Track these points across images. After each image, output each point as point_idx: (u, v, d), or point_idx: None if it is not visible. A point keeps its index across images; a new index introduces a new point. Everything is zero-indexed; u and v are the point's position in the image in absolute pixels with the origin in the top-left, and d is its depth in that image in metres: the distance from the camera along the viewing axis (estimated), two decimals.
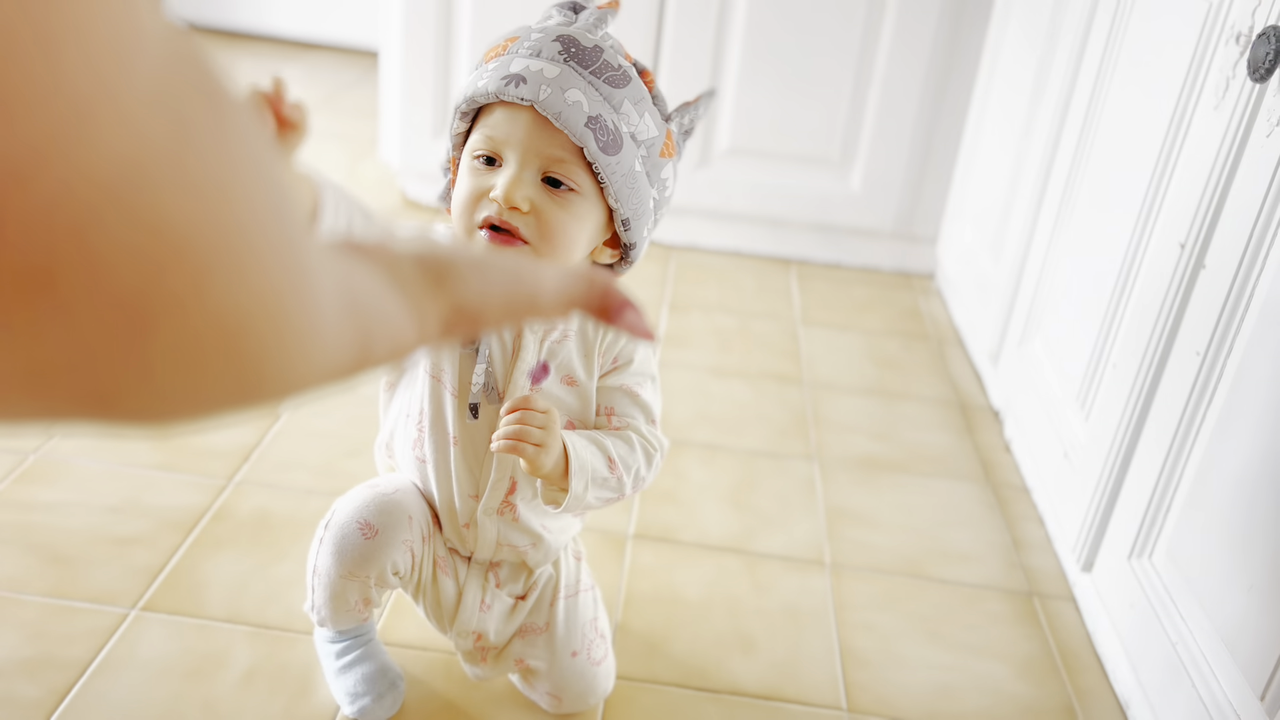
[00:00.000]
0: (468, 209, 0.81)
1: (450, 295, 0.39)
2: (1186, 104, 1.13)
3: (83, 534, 1.19)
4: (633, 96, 0.81)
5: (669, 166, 0.85)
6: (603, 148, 0.79)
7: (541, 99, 0.77)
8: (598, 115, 0.78)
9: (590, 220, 0.82)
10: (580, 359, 0.89)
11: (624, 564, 1.25)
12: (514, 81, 0.78)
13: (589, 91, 0.78)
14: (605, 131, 0.79)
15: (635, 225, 0.84)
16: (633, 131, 0.81)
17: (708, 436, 1.54)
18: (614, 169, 0.80)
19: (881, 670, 1.13)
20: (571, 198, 0.80)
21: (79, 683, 0.99)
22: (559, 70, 0.78)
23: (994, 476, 1.52)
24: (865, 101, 2.08)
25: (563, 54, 0.79)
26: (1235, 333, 0.98)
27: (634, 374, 0.91)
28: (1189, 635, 0.99)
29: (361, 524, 0.91)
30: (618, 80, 0.80)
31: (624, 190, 0.81)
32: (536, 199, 0.80)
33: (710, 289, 2.06)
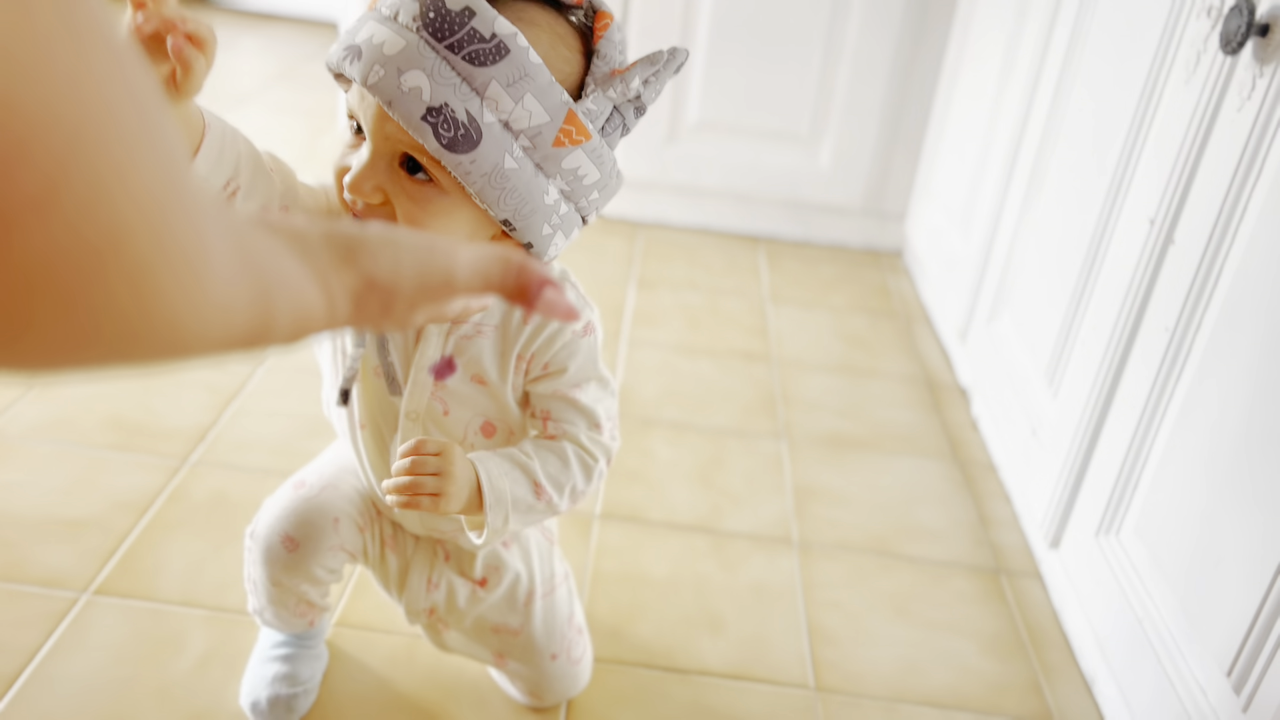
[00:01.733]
0: (336, 185, 0.72)
1: (360, 267, 0.38)
2: (1157, 78, 1.12)
3: (32, 516, 1.15)
4: (506, 76, 0.65)
5: (576, 154, 0.69)
6: (448, 144, 0.65)
7: (371, 82, 0.64)
8: (441, 105, 0.64)
9: (456, 216, 0.70)
10: (494, 358, 0.80)
11: (590, 544, 1.23)
12: (351, 56, 0.66)
13: (437, 73, 0.64)
14: (451, 124, 0.64)
15: (523, 225, 0.70)
16: (504, 119, 0.66)
17: (675, 415, 1.52)
18: (469, 169, 0.66)
19: (849, 648, 1.13)
20: (429, 192, 0.68)
21: (28, 668, 0.96)
22: (403, 44, 0.64)
23: (961, 454, 1.51)
24: (835, 77, 2.07)
25: (418, 19, 0.65)
26: (1204, 309, 0.97)
27: (569, 381, 0.82)
28: (1155, 612, 0.99)
29: (283, 537, 0.88)
30: (484, 56, 0.64)
31: (490, 191, 0.67)
32: (389, 188, 0.68)
33: (678, 266, 2.04)
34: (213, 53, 0.59)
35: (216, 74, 2.72)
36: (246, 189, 0.70)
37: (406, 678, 1.02)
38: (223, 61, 3.20)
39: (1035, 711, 1.07)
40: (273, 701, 0.94)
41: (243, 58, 3.02)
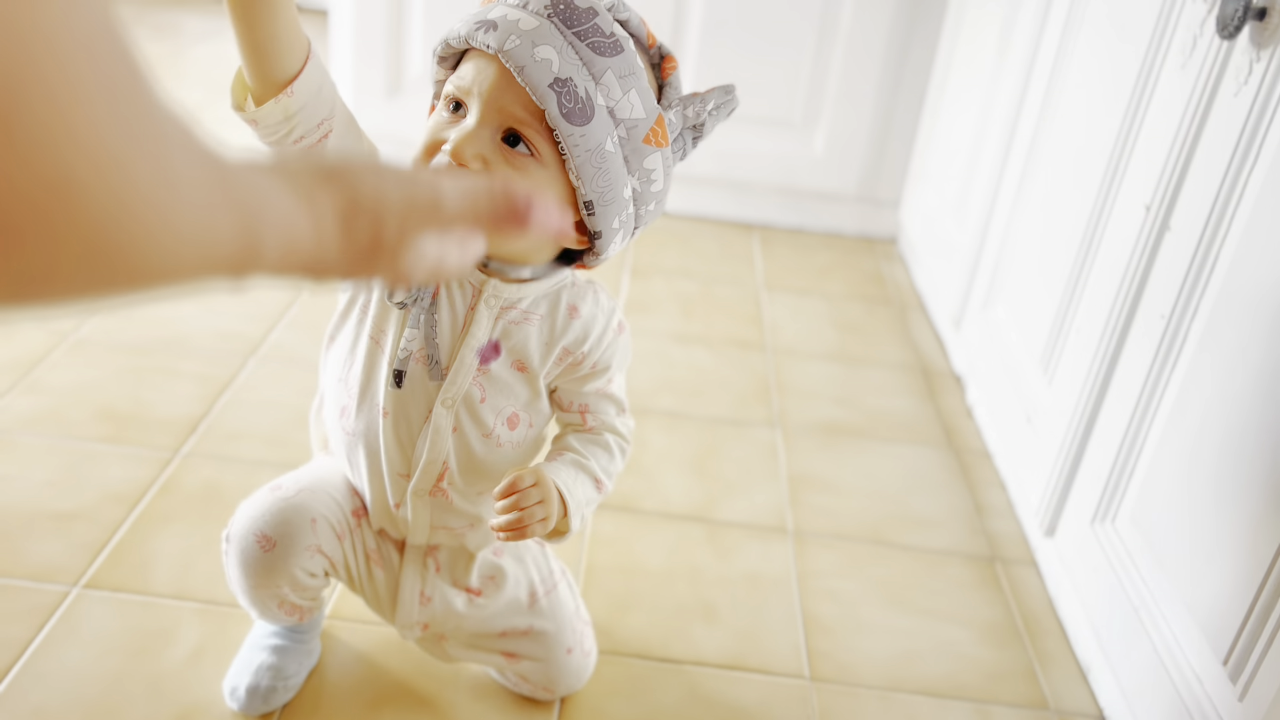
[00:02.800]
0: (423, 157, 0.75)
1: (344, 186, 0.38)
2: (1153, 62, 1.11)
3: (22, 509, 1.14)
4: (620, 69, 0.73)
5: (656, 156, 0.76)
6: (566, 114, 0.71)
7: (507, 48, 0.70)
8: (568, 78, 0.70)
9: (548, 190, 0.74)
10: (539, 346, 0.83)
11: (585, 534, 1.22)
12: (485, 28, 0.72)
13: (565, 52, 0.71)
14: (573, 97, 0.71)
15: (601, 211, 0.75)
16: (611, 106, 0.72)
17: (669, 404, 1.52)
18: (577, 141, 0.72)
19: (844, 637, 1.12)
20: (529, 163, 0.73)
21: (19, 662, 0.96)
22: (537, 24, 0.71)
23: (956, 442, 1.51)
24: (828, 63, 2.05)
25: (549, 8, 0.72)
26: (1200, 296, 0.97)
27: (609, 375, 0.87)
28: (1151, 600, 0.99)
29: (258, 536, 0.87)
30: (604, 48, 0.72)
31: (588, 168, 0.73)
32: (490, 157, 0.72)
33: (672, 254, 2.03)
34: None
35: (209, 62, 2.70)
36: (339, 134, 0.74)
37: (401, 667, 1.01)
38: (214, 48, 3.18)
39: (1031, 699, 1.07)
40: (251, 690, 0.93)
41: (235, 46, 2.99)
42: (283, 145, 0.73)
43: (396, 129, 2.16)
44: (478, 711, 0.98)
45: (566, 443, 0.87)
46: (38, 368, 1.39)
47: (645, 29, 0.76)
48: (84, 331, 1.49)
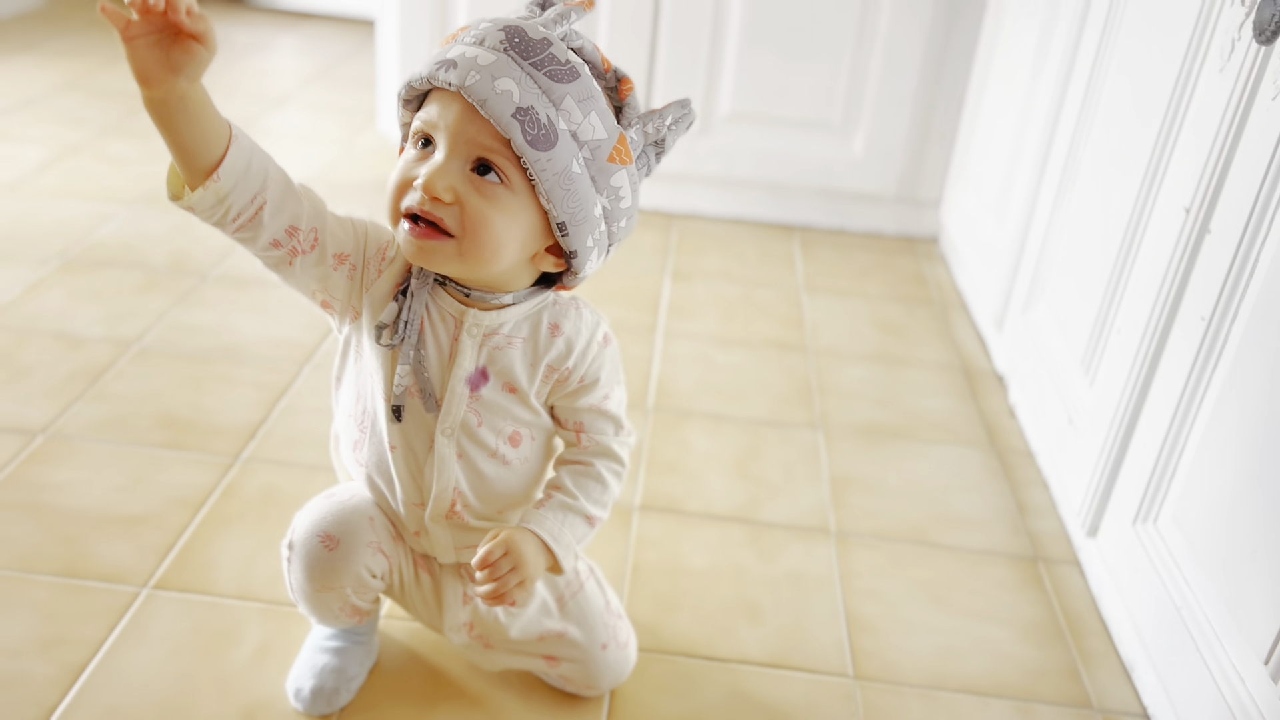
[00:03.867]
0: (394, 197, 0.79)
1: None
2: (1191, 66, 1.12)
3: (92, 513, 1.19)
4: (577, 94, 0.76)
5: (621, 174, 0.79)
6: (531, 141, 0.74)
7: (468, 84, 0.73)
8: (529, 107, 0.74)
9: (521, 219, 0.77)
10: (525, 367, 0.86)
11: (630, 535, 1.25)
12: (445, 67, 0.75)
13: (524, 82, 0.74)
14: (535, 124, 0.74)
15: (574, 231, 0.79)
16: (573, 130, 0.76)
17: (711, 406, 1.54)
18: (544, 165, 0.75)
19: (887, 636, 1.14)
20: (500, 191, 0.76)
21: (93, 661, 1.00)
22: (495, 58, 0.74)
23: (998, 442, 1.52)
24: (867, 64, 2.06)
25: (504, 44, 0.75)
26: (1240, 298, 0.97)
27: (601, 393, 0.90)
28: (1194, 600, 0.99)
29: (322, 536, 0.91)
30: (561, 75, 0.75)
31: (557, 190, 0.76)
32: (461, 189, 0.76)
33: (712, 257, 2.05)
34: (211, 40, 0.67)
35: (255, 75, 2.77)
36: (274, 206, 0.77)
37: (453, 666, 1.04)
38: (261, 62, 3.26)
39: (1074, 698, 1.08)
40: (315, 692, 0.97)
41: (281, 57, 3.06)
42: (223, 226, 0.77)
43: None
44: (529, 709, 1.01)
45: (559, 481, 0.91)
46: (103, 377, 1.45)
47: (599, 54, 0.79)
48: (146, 341, 1.55)
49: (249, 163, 0.75)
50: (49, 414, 1.36)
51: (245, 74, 2.85)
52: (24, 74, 2.68)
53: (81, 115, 2.44)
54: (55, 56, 2.83)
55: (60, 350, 1.50)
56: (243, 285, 1.74)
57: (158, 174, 2.15)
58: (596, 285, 1.85)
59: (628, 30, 2.07)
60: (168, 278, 1.74)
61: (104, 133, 2.35)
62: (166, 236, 1.88)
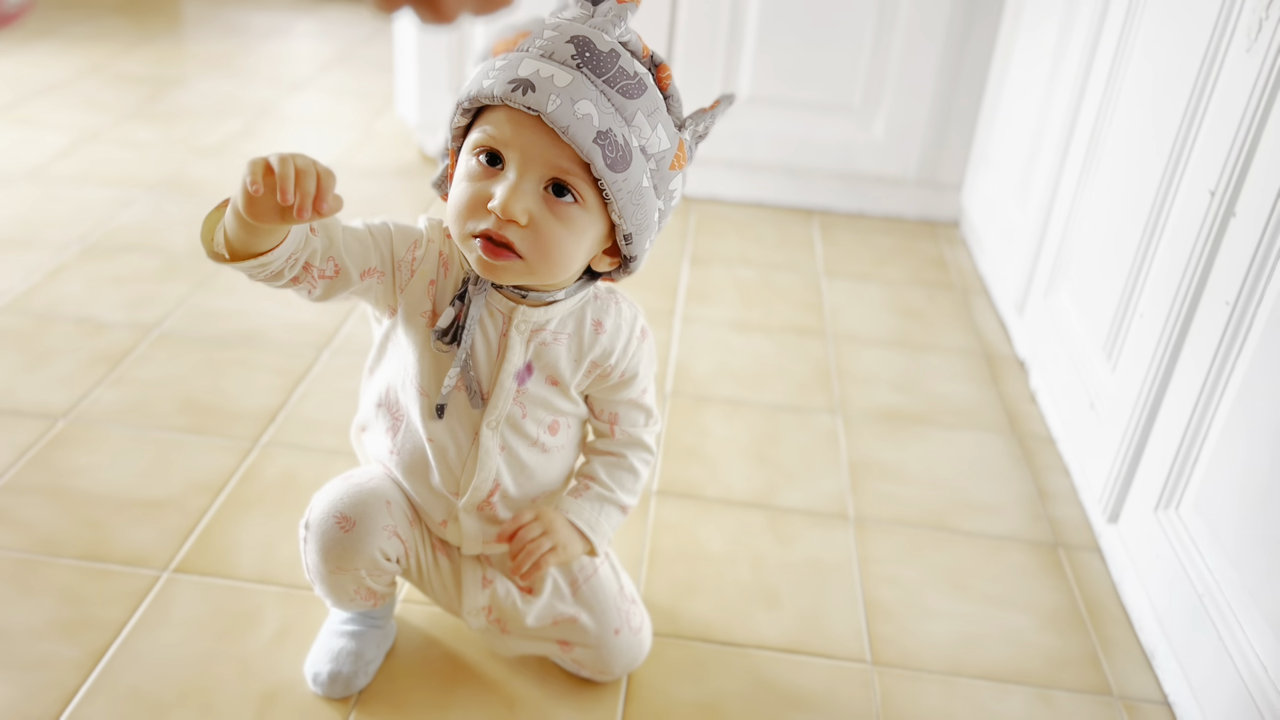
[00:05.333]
0: (463, 215, 0.77)
1: None
2: (1218, 46, 1.10)
3: (114, 497, 1.20)
4: (646, 107, 0.76)
5: (678, 178, 0.81)
6: (610, 164, 0.74)
7: (550, 111, 0.72)
8: (608, 130, 0.73)
9: (590, 233, 0.78)
10: (569, 363, 0.88)
11: (648, 520, 1.25)
12: (522, 87, 0.73)
13: (600, 103, 0.73)
14: (614, 147, 0.74)
15: (638, 239, 0.80)
16: (643, 145, 0.76)
17: (730, 391, 1.54)
18: (620, 185, 0.75)
19: (906, 622, 1.14)
20: (574, 210, 0.76)
21: (115, 643, 1.01)
22: (571, 78, 0.73)
23: (1019, 427, 1.51)
24: (888, 47, 2.04)
25: (576, 58, 0.74)
26: (1266, 282, 0.96)
27: (639, 386, 0.92)
28: (1215, 586, 0.98)
29: (338, 517, 0.91)
30: (632, 90, 0.75)
31: (629, 206, 0.77)
32: (536, 211, 0.75)
33: (731, 241, 2.04)
34: (335, 199, 0.69)
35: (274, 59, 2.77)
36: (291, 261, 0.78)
37: (469, 651, 1.05)
38: (279, 46, 3.26)
39: (1094, 685, 1.08)
40: (333, 676, 0.98)
41: (300, 42, 3.06)
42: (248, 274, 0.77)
43: None
44: (545, 695, 1.01)
45: (593, 471, 0.93)
46: (124, 362, 1.46)
47: (641, 43, 0.78)
48: (167, 326, 1.55)
49: (294, 243, 0.76)
50: (70, 398, 1.37)
51: (264, 58, 2.86)
52: (45, 59, 2.69)
53: (102, 101, 2.45)
54: (76, 42, 2.85)
55: (81, 335, 1.51)
56: None
57: (178, 160, 2.16)
58: None
59: (646, 11, 2.05)
60: (188, 263, 1.75)
61: (125, 118, 2.36)
62: (187, 222, 1.89)
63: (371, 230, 0.83)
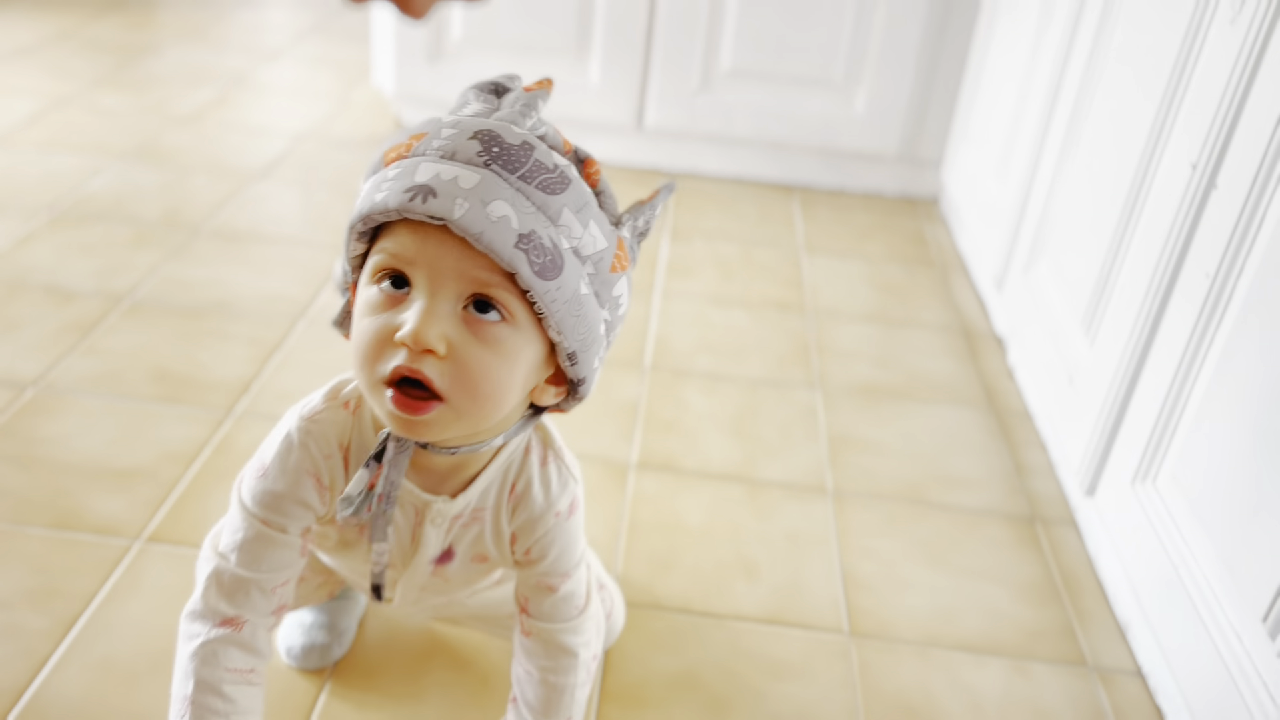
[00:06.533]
0: (368, 357, 0.64)
1: None
2: (1201, 18, 1.10)
3: (85, 466, 1.19)
4: (574, 203, 0.64)
5: (622, 282, 0.68)
6: (539, 271, 0.62)
7: (458, 216, 0.60)
8: (530, 231, 0.61)
9: (525, 357, 0.65)
10: (493, 538, 0.78)
11: (627, 493, 1.25)
12: (421, 194, 0.61)
13: (518, 202, 0.62)
14: (541, 251, 0.62)
15: (584, 358, 0.68)
16: (575, 246, 0.64)
17: (709, 365, 1.53)
18: (554, 295, 0.63)
19: (883, 594, 1.14)
20: (502, 330, 0.63)
21: (86, 613, 1.00)
22: (479, 177, 0.61)
23: (997, 403, 1.51)
24: (870, 21, 2.03)
25: (483, 154, 0.62)
26: (1246, 255, 0.96)
27: (549, 565, 0.78)
28: (1191, 557, 0.99)
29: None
30: (554, 185, 0.63)
31: (568, 319, 0.64)
32: (455, 337, 0.62)
33: (712, 216, 2.03)
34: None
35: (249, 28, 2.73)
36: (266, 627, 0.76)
37: (443, 625, 1.04)
38: (254, 15, 3.21)
39: (1069, 656, 1.08)
40: (306, 649, 0.96)
41: (275, 10, 3.02)
42: None
43: (438, 94, 2.17)
44: None
45: (521, 689, 0.82)
46: (95, 331, 1.43)
47: (560, 136, 0.68)
48: (138, 295, 1.53)
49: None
50: (40, 367, 1.34)
51: (238, 27, 2.81)
52: (13, 24, 2.64)
53: (72, 67, 2.41)
54: (44, 7, 2.79)
55: (51, 304, 1.49)
56: (236, 240, 1.72)
57: (150, 128, 2.12)
58: None
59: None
60: (160, 232, 1.72)
61: (95, 85, 2.32)
62: (158, 190, 1.86)
63: (281, 505, 0.73)
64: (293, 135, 2.15)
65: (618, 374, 1.48)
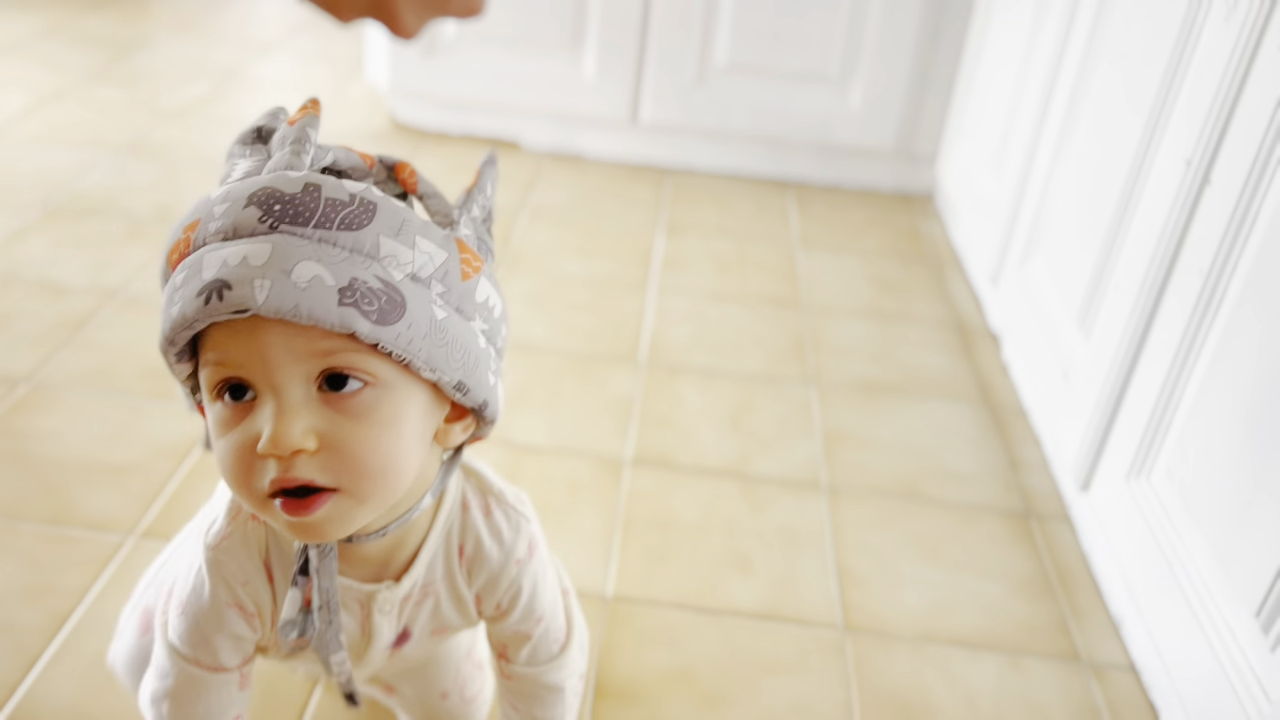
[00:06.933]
0: (240, 478, 0.56)
1: None
2: (1196, 14, 1.10)
3: (77, 462, 1.18)
4: (389, 226, 0.55)
5: (482, 284, 0.60)
6: (379, 319, 0.53)
7: (262, 301, 0.52)
8: (350, 281, 0.53)
9: (409, 412, 0.58)
10: (452, 607, 0.71)
11: (621, 488, 1.25)
12: (213, 292, 0.53)
13: (324, 253, 0.53)
14: (372, 296, 0.53)
15: (474, 382, 0.59)
16: (411, 272, 0.56)
17: (705, 361, 1.53)
18: (408, 336, 0.55)
19: (878, 589, 1.14)
20: (370, 397, 0.56)
21: (78, 609, 1.00)
22: (269, 246, 0.53)
23: (992, 398, 1.51)
24: (865, 16, 2.03)
25: (266, 218, 0.54)
26: (1240, 251, 0.96)
27: (523, 611, 0.72)
28: (1185, 553, 0.99)
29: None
30: (357, 217, 0.55)
31: (436, 351, 0.56)
32: (323, 425, 0.55)
33: (707, 211, 2.03)
34: None
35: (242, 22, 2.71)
36: None
37: None
38: (248, 8, 3.19)
39: (1063, 651, 1.09)
40: None
41: (269, 4, 3.00)
42: None
43: (432, 90, 2.17)
44: None
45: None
46: (87, 326, 1.43)
47: (356, 155, 0.61)
48: (131, 291, 1.52)
49: None
50: (32, 362, 1.34)
51: (232, 21, 2.80)
52: (4, 18, 2.63)
53: (64, 61, 2.39)
54: (37, 1, 2.78)
55: (43, 299, 1.48)
56: None
57: (143, 122, 2.12)
58: (588, 240, 1.83)
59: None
60: (153, 227, 1.71)
61: (87, 79, 2.31)
62: (151, 186, 1.86)
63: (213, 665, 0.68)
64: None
65: (612, 369, 1.48)
